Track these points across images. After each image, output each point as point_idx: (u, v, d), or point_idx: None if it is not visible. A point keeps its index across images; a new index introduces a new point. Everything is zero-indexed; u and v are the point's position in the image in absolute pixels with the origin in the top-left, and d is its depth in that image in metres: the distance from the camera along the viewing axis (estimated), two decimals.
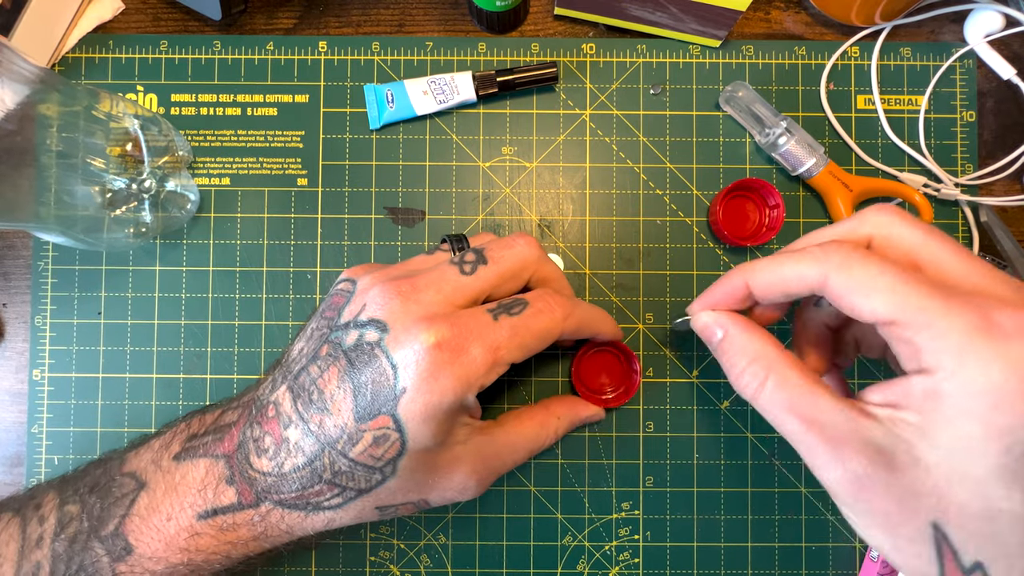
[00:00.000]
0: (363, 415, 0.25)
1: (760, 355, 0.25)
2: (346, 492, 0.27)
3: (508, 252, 0.29)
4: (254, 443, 0.27)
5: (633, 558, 0.36)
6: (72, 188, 0.31)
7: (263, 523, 0.27)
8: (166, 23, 0.37)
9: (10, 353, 0.36)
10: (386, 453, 0.26)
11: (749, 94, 0.36)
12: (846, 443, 0.22)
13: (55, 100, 0.30)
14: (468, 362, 0.26)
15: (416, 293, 0.27)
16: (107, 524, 0.27)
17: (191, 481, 0.27)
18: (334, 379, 0.26)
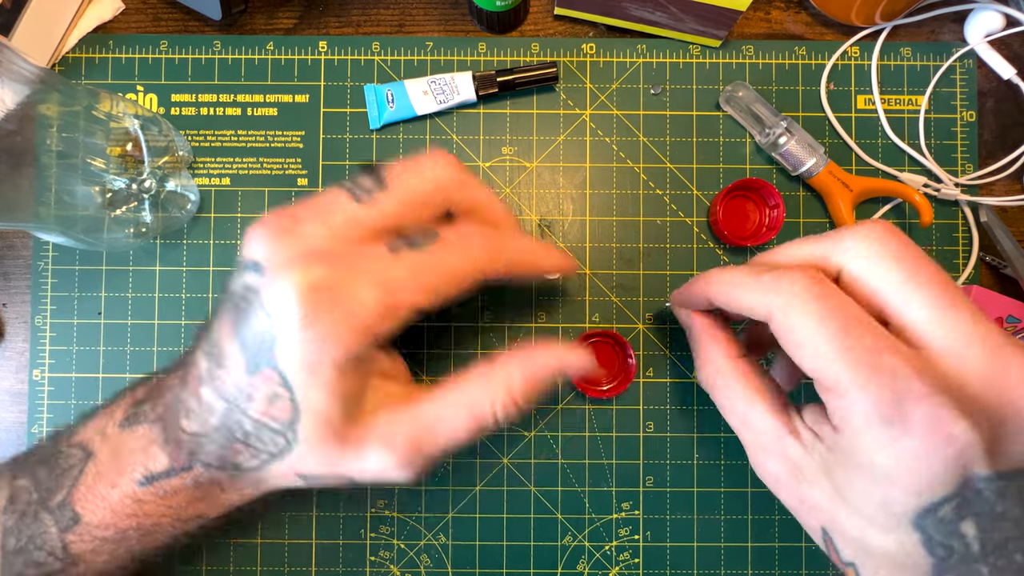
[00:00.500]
0: (251, 368, 0.23)
1: (713, 359, 0.28)
2: (260, 455, 0.25)
3: (414, 174, 0.24)
4: (182, 405, 0.25)
5: (633, 558, 0.36)
6: (72, 188, 0.31)
7: (197, 487, 0.26)
8: (166, 23, 0.37)
9: (10, 353, 0.36)
10: (281, 414, 0.23)
11: (749, 94, 0.36)
12: (770, 452, 0.26)
13: (55, 100, 0.30)
14: (354, 306, 0.22)
15: (297, 226, 0.23)
16: (55, 495, 0.26)
17: (132, 447, 0.26)
18: (226, 331, 0.24)
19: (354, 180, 0.24)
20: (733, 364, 0.27)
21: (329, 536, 0.36)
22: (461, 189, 0.25)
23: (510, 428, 0.36)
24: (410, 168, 0.25)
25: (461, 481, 0.36)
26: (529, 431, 0.36)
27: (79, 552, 0.26)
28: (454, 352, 0.36)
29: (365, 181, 0.24)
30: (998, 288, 0.36)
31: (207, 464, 0.25)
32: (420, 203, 0.24)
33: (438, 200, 0.25)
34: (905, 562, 0.22)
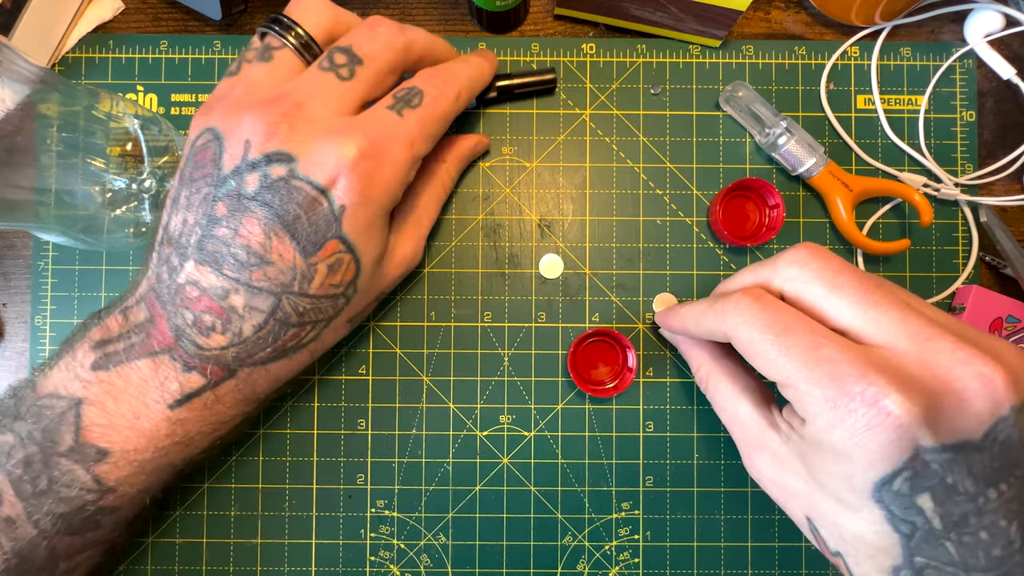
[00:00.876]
0: (309, 248, 0.25)
1: (701, 363, 0.31)
2: (318, 325, 0.27)
3: (376, 45, 0.28)
4: (193, 327, 0.26)
5: (633, 558, 0.36)
6: (72, 188, 0.31)
7: (248, 384, 0.27)
8: (166, 23, 0.37)
9: (10, 353, 0.36)
10: (344, 277, 0.27)
11: (749, 94, 0.36)
12: (755, 446, 0.28)
13: (55, 100, 0.30)
14: (393, 163, 0.26)
15: (301, 111, 0.25)
16: (61, 442, 0.26)
17: (140, 381, 0.26)
18: (257, 229, 0.25)
19: (329, 60, 0.27)
20: (719, 365, 0.31)
21: (329, 536, 0.36)
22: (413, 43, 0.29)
23: (510, 428, 0.36)
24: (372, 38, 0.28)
25: (461, 481, 0.36)
26: (529, 431, 0.36)
27: (116, 479, 0.26)
28: (454, 352, 0.36)
29: (339, 58, 0.27)
30: (998, 288, 0.36)
31: (257, 362, 0.27)
32: (388, 70, 0.28)
33: (400, 64, 0.29)
34: (879, 544, 0.23)
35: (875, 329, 0.23)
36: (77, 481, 0.26)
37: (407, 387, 0.36)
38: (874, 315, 0.24)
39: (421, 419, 0.36)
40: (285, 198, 0.25)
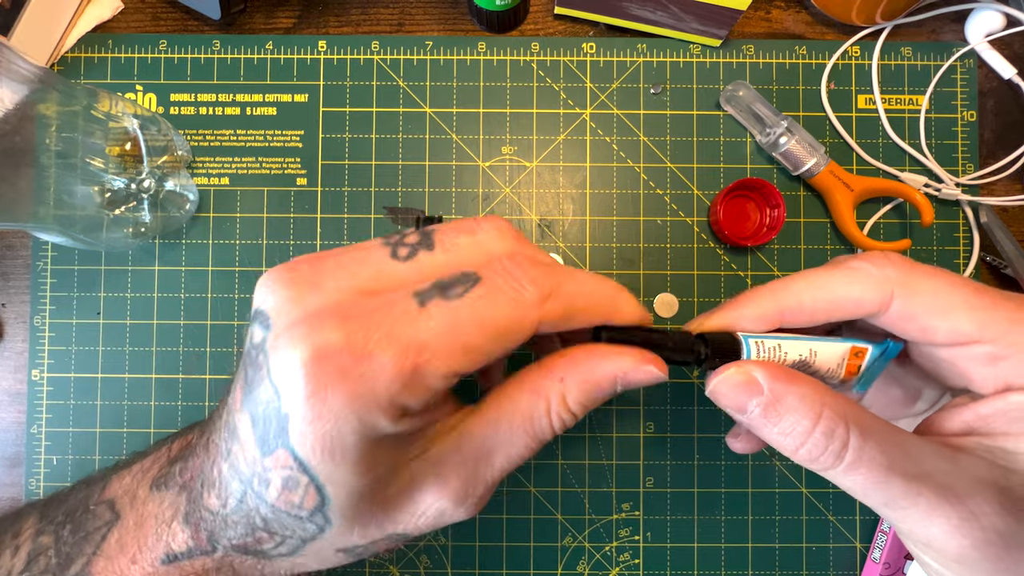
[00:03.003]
0: (264, 448, 0.19)
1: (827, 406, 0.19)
2: (288, 542, 0.21)
3: (466, 238, 0.20)
4: (205, 478, 0.22)
5: (633, 559, 0.36)
6: (71, 188, 0.31)
7: (220, 566, 0.22)
8: (165, 22, 0.37)
9: (9, 353, 0.36)
10: (305, 502, 0.19)
11: (750, 93, 0.36)
12: (968, 494, 0.18)
13: (54, 100, 0.30)
14: (370, 376, 0.18)
15: (318, 276, 0.19)
16: (74, 563, 0.23)
17: (156, 516, 0.23)
18: (238, 398, 0.20)
19: (400, 236, 0.21)
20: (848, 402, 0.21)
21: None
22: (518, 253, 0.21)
23: None
24: (464, 231, 0.21)
25: None
26: None
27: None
28: None
29: (411, 238, 0.20)
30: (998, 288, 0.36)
31: (231, 548, 0.22)
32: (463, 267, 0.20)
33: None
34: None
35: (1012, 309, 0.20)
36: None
37: None
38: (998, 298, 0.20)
39: None
40: (254, 374, 0.19)
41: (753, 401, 0.20)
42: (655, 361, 0.21)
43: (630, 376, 0.21)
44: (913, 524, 0.19)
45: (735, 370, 0.21)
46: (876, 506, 0.19)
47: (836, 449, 0.19)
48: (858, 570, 0.36)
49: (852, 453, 0.19)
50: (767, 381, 0.20)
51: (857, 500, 0.36)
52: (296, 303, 0.19)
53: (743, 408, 0.20)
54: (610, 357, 0.21)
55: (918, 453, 0.19)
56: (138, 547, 0.23)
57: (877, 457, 0.19)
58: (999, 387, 0.20)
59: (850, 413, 0.19)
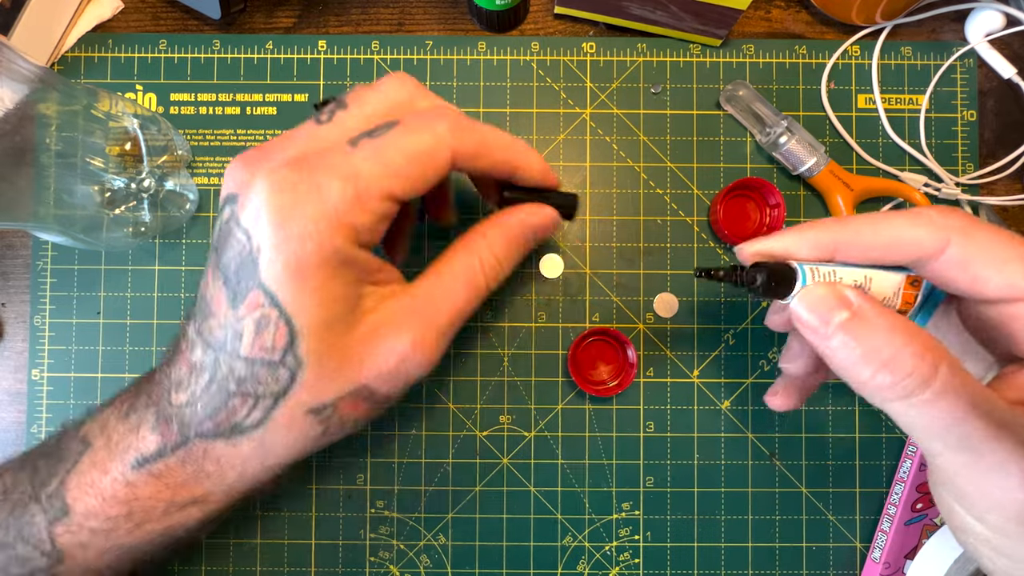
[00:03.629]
0: (236, 300, 0.22)
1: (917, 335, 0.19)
2: (261, 401, 0.23)
3: (372, 92, 0.24)
4: (172, 381, 0.24)
5: (633, 558, 0.36)
6: (71, 188, 0.31)
7: (193, 460, 0.24)
8: (165, 22, 0.37)
9: (9, 353, 0.36)
10: (275, 341, 0.22)
11: (750, 93, 0.36)
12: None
13: (54, 99, 0.30)
14: (321, 198, 0.21)
15: (262, 155, 0.23)
16: (49, 484, 0.25)
17: (124, 432, 0.25)
18: (209, 278, 0.23)
19: (318, 110, 0.24)
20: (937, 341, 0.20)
21: (329, 536, 0.36)
22: (420, 101, 0.24)
23: (510, 428, 0.36)
24: (370, 87, 0.24)
25: (461, 481, 0.36)
26: (529, 431, 0.36)
27: (65, 545, 0.25)
28: (454, 352, 0.36)
29: (327, 106, 0.24)
30: None
31: (201, 435, 0.24)
32: (380, 118, 0.24)
33: (397, 115, 0.24)
34: None
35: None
36: (34, 537, 0.25)
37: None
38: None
39: (421, 419, 0.36)
40: (224, 241, 0.22)
41: (839, 316, 0.20)
42: (549, 208, 0.27)
43: (533, 221, 0.27)
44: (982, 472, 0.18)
45: (822, 284, 0.21)
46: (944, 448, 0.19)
47: (925, 373, 0.18)
48: (858, 570, 0.36)
49: (941, 382, 0.18)
50: (857, 300, 0.20)
51: (856, 501, 0.36)
52: (254, 171, 0.22)
53: (827, 320, 0.20)
54: (516, 211, 0.27)
55: (1000, 403, 0.18)
56: (108, 460, 0.25)
57: (964, 393, 0.18)
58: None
59: (940, 346, 0.19)
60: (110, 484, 0.25)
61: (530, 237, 0.27)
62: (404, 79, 0.25)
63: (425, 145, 0.23)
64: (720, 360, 0.36)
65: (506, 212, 0.27)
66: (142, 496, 0.25)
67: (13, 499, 0.26)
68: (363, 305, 0.24)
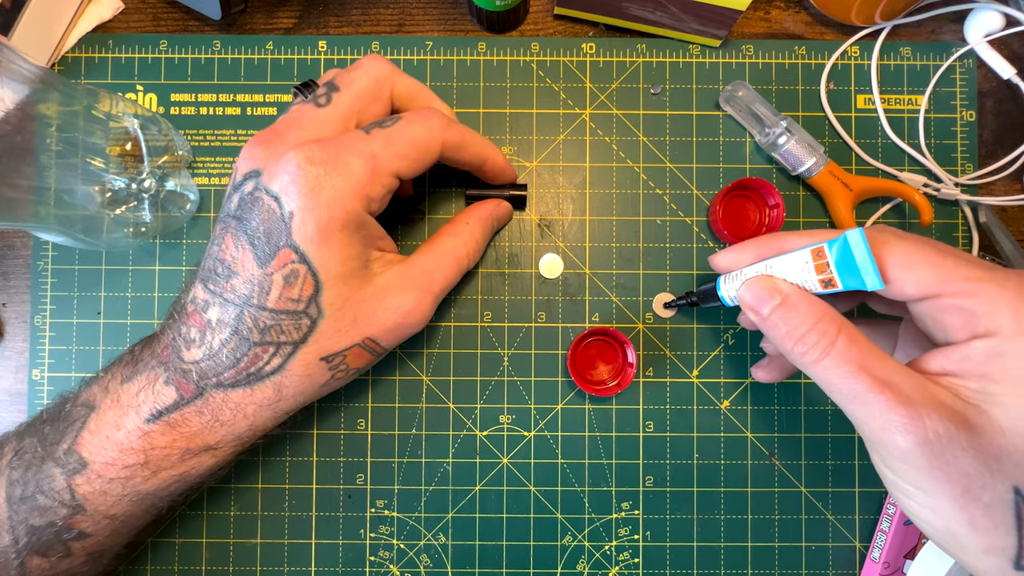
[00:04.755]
0: (264, 258, 0.26)
1: (826, 314, 0.24)
2: (282, 348, 0.27)
3: (357, 73, 0.29)
4: (183, 340, 0.27)
5: (633, 558, 0.36)
6: (72, 188, 0.31)
7: (209, 410, 0.27)
8: (166, 23, 0.37)
9: (10, 353, 0.36)
10: (303, 292, 0.26)
11: (749, 94, 0.36)
12: (922, 404, 0.21)
13: (55, 100, 0.30)
14: (347, 172, 0.26)
15: (278, 136, 0.27)
16: (60, 445, 0.27)
17: (135, 393, 0.27)
18: (229, 243, 0.26)
19: (312, 93, 0.28)
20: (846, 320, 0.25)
21: (329, 536, 0.36)
22: (395, 78, 0.29)
23: (510, 428, 0.36)
24: (353, 69, 0.29)
25: (461, 481, 0.36)
26: (529, 431, 0.36)
27: (86, 494, 0.27)
28: (454, 352, 0.36)
29: (320, 91, 0.28)
30: None
31: (220, 385, 0.27)
32: (370, 96, 0.28)
33: (384, 93, 0.29)
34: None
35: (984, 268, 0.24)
36: (54, 490, 0.27)
37: (407, 387, 0.36)
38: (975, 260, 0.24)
39: (421, 419, 0.36)
40: (249, 210, 0.26)
41: (772, 302, 0.25)
42: (507, 204, 0.35)
43: (499, 212, 0.34)
44: (873, 420, 0.22)
45: (763, 277, 0.26)
46: (846, 401, 0.23)
47: (824, 344, 0.23)
48: (857, 569, 0.36)
49: (836, 350, 0.23)
50: (788, 289, 0.26)
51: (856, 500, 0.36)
52: (276, 150, 0.26)
53: (763, 304, 0.26)
54: (486, 204, 0.34)
55: (891, 368, 0.23)
56: (119, 418, 0.27)
57: (855, 358, 0.23)
58: (968, 335, 0.23)
59: (844, 324, 0.24)
60: (125, 436, 0.27)
61: (496, 225, 0.35)
62: (378, 59, 0.29)
63: (425, 135, 0.28)
64: (719, 360, 0.36)
65: (480, 204, 0.34)
66: (158, 445, 0.27)
67: (26, 460, 0.27)
68: (372, 268, 0.28)
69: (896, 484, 0.23)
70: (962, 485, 0.21)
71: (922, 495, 0.22)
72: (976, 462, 0.21)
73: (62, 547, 0.27)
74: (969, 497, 0.21)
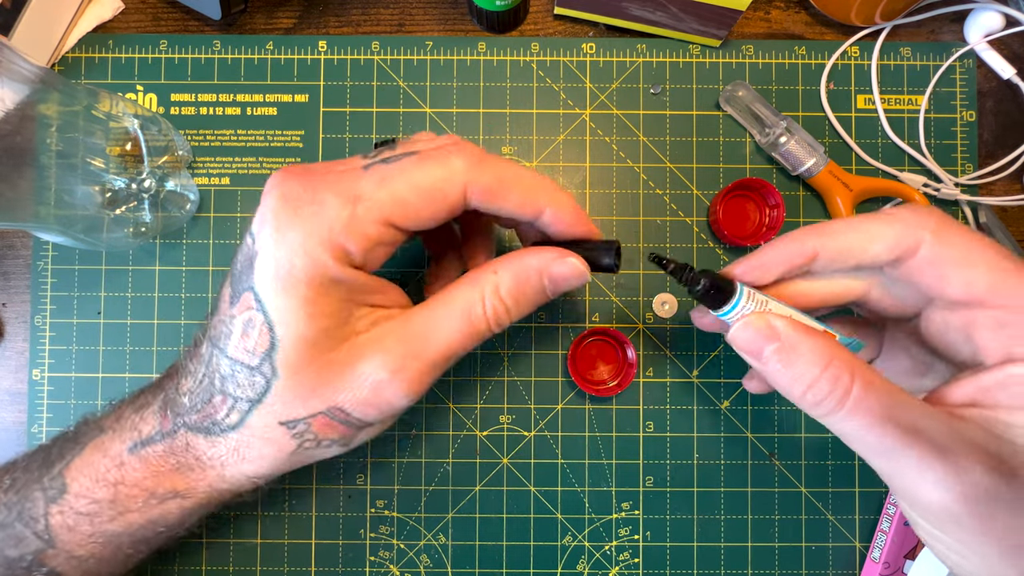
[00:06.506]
0: (234, 299, 0.22)
1: (835, 355, 0.20)
2: (238, 404, 0.23)
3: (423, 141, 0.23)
4: (184, 371, 0.25)
5: (633, 558, 0.36)
6: (72, 188, 0.31)
7: (176, 453, 0.24)
8: (166, 23, 0.37)
9: (10, 353, 0.36)
10: (257, 345, 0.22)
11: (749, 94, 0.36)
12: (958, 452, 0.19)
13: (55, 100, 0.30)
14: (318, 215, 0.21)
15: (306, 171, 0.23)
16: (55, 467, 0.26)
17: (129, 418, 0.26)
18: (224, 284, 0.24)
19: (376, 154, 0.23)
20: (857, 358, 0.22)
21: (329, 536, 0.36)
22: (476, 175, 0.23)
23: (510, 428, 0.36)
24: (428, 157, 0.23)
25: (461, 481, 0.36)
26: (529, 431, 0.36)
27: (56, 527, 0.25)
28: None
29: (384, 153, 0.23)
30: None
31: (187, 426, 0.24)
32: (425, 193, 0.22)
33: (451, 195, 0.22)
34: None
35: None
36: (32, 517, 0.25)
37: None
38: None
39: (421, 419, 0.36)
40: (241, 243, 0.23)
41: (770, 346, 0.21)
42: (576, 256, 0.24)
43: (554, 268, 0.24)
44: (904, 475, 0.20)
45: (756, 317, 0.22)
46: (871, 455, 0.20)
47: (839, 395, 0.20)
48: (857, 569, 0.36)
49: (853, 401, 0.20)
50: (784, 328, 0.21)
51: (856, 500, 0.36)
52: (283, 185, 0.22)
53: (759, 351, 0.22)
54: (537, 252, 0.24)
55: (917, 412, 0.20)
56: (112, 439, 0.25)
57: (875, 407, 0.19)
58: (1002, 357, 0.20)
59: (856, 366, 0.20)
60: (104, 464, 0.25)
61: (547, 287, 0.24)
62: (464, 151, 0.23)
63: (435, 178, 0.22)
64: (719, 360, 0.36)
65: (526, 251, 0.24)
66: (128, 481, 0.25)
67: (20, 481, 0.26)
68: (354, 325, 0.23)
69: (934, 536, 0.21)
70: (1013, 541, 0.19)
71: (964, 548, 0.20)
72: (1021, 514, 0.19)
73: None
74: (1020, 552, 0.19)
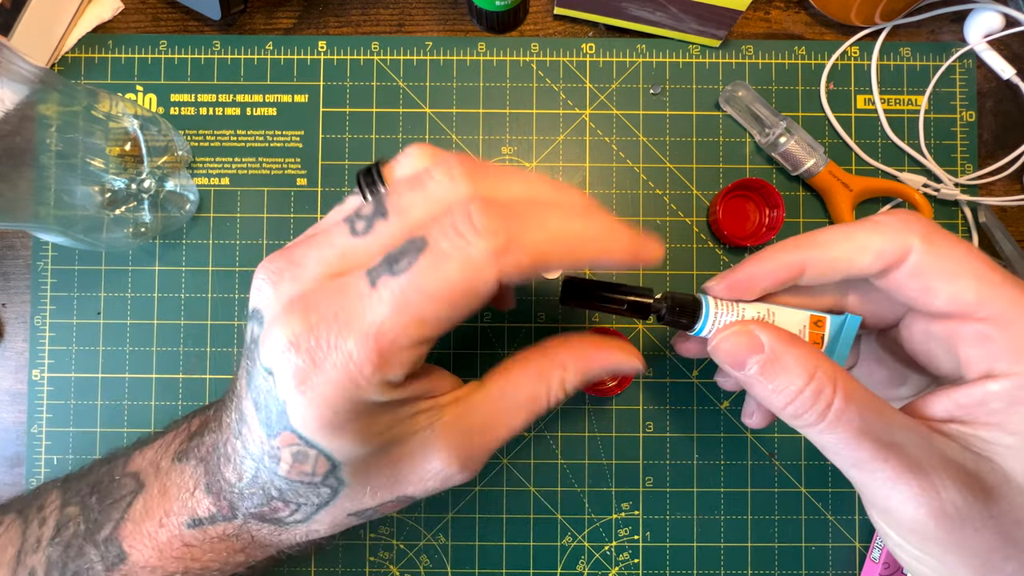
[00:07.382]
0: (270, 431, 0.21)
1: (818, 367, 0.20)
2: (303, 508, 0.23)
3: (418, 195, 0.20)
4: (221, 452, 0.24)
5: (633, 558, 0.36)
6: (71, 188, 0.31)
7: (243, 537, 0.24)
8: (165, 23, 0.37)
9: (10, 353, 0.36)
10: (317, 469, 0.21)
11: (749, 94, 0.36)
12: (933, 469, 0.19)
13: (54, 100, 0.30)
14: (340, 365, 0.19)
15: (293, 267, 0.20)
16: (103, 528, 0.25)
17: (180, 485, 0.25)
18: (243, 387, 0.22)
19: (356, 210, 0.21)
20: (839, 368, 0.22)
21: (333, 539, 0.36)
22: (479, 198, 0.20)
23: None
24: (415, 186, 0.20)
25: None
26: (529, 431, 0.36)
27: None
28: (453, 352, 0.36)
29: (365, 209, 0.21)
30: None
31: (250, 516, 0.24)
32: (419, 228, 0.20)
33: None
34: None
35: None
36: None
37: None
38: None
39: None
40: (249, 365, 0.21)
41: (753, 358, 0.21)
42: (639, 357, 0.25)
43: (622, 367, 0.25)
44: (877, 488, 0.20)
45: (739, 328, 0.22)
46: (846, 467, 0.20)
47: (820, 409, 0.20)
48: (857, 570, 0.36)
49: (834, 414, 0.20)
50: (768, 340, 0.21)
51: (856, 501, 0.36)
52: (279, 294, 0.20)
53: (743, 364, 0.21)
54: (605, 350, 0.25)
55: (894, 425, 0.20)
56: (164, 512, 0.25)
57: (855, 420, 0.19)
58: (983, 372, 0.20)
59: (839, 378, 0.20)
60: (167, 539, 0.25)
61: (604, 375, 0.25)
62: (457, 173, 0.20)
63: (456, 280, 0.18)
64: None
65: (594, 345, 0.25)
66: (198, 557, 0.25)
67: (65, 539, 0.25)
68: (411, 425, 0.22)
69: (903, 548, 0.21)
70: (982, 558, 0.19)
71: (934, 561, 0.20)
72: (997, 534, 0.19)
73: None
74: (989, 568, 0.19)
